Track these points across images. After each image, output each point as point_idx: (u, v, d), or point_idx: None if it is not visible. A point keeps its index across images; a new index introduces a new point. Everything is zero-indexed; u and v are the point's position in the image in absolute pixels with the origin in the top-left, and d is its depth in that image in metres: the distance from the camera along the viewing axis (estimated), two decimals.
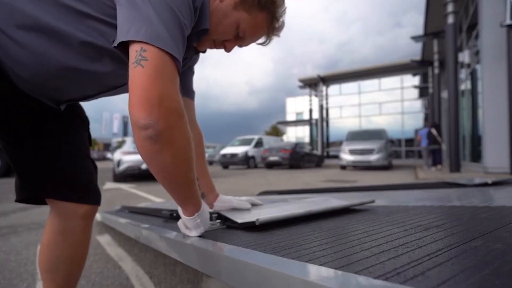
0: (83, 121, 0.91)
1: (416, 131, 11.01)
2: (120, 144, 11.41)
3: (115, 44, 0.58)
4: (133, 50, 0.55)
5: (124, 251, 1.85)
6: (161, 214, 1.28)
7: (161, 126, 0.53)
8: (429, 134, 9.05)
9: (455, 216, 0.83)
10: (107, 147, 28.62)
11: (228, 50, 0.80)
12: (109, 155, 21.66)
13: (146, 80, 0.53)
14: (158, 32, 0.55)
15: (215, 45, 0.79)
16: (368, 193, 1.92)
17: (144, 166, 6.84)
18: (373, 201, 1.13)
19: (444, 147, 9.24)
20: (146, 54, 0.54)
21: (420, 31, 12.63)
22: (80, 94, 0.76)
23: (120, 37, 0.57)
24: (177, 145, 0.56)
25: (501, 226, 0.68)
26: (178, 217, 1.18)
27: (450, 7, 7.09)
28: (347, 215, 0.95)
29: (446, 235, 0.61)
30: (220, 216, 0.88)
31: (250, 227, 0.78)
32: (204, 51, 0.86)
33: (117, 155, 7.09)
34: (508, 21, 5.39)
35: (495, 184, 1.87)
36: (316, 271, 0.44)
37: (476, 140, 8.01)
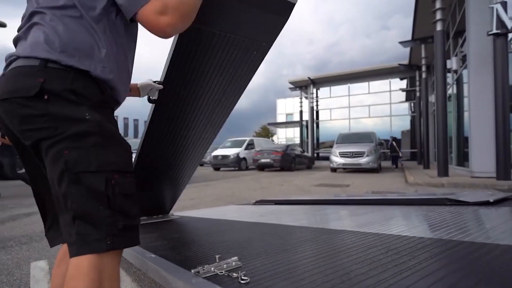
0: None
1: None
2: None
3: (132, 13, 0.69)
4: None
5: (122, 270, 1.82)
6: None
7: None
8: (391, 146, 12.18)
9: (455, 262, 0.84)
10: None
11: None
12: None
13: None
14: None
15: None
16: (365, 207, 1.93)
17: None
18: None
19: (401, 154, 12.18)
20: None
21: (406, 33, 12.88)
22: (130, 75, 0.84)
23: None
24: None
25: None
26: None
27: (438, 15, 7.25)
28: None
29: None
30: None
31: None
32: None
33: None
34: (494, 30, 5.57)
35: (496, 202, 1.86)
36: None
37: (462, 144, 8.22)
